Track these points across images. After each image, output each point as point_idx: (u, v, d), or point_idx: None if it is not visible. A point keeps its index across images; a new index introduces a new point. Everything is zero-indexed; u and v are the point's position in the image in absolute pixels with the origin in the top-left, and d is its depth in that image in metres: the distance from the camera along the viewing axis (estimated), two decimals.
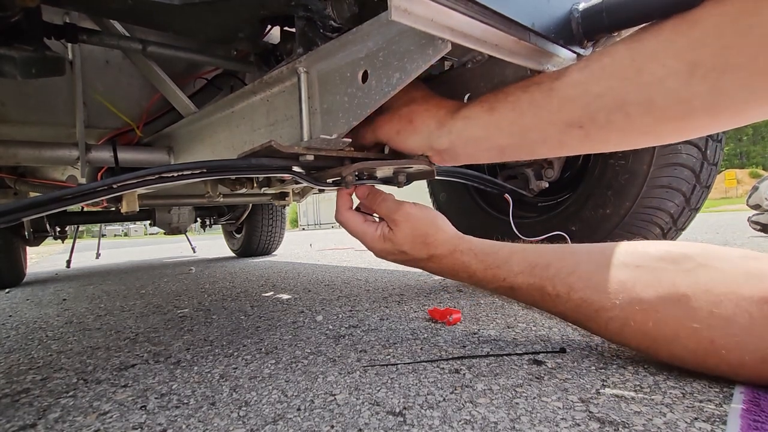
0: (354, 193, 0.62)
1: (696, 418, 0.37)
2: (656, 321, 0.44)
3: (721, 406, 0.39)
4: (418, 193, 1.31)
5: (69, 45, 0.73)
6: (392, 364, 0.55)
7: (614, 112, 0.43)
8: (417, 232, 0.56)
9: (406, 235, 0.57)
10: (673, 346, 0.44)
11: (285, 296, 1.16)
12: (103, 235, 3.93)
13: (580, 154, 0.90)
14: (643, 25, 0.42)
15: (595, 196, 0.91)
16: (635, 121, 0.43)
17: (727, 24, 0.36)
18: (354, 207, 0.62)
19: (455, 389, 0.46)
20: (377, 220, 0.61)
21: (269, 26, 0.71)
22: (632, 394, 0.42)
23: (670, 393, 0.42)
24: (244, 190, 0.76)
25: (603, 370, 0.49)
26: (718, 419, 0.37)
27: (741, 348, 0.40)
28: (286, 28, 0.69)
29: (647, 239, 0.87)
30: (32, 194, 1.16)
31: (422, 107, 0.55)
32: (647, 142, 0.49)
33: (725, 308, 0.41)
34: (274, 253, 2.89)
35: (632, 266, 0.47)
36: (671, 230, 0.88)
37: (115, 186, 0.46)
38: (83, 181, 0.88)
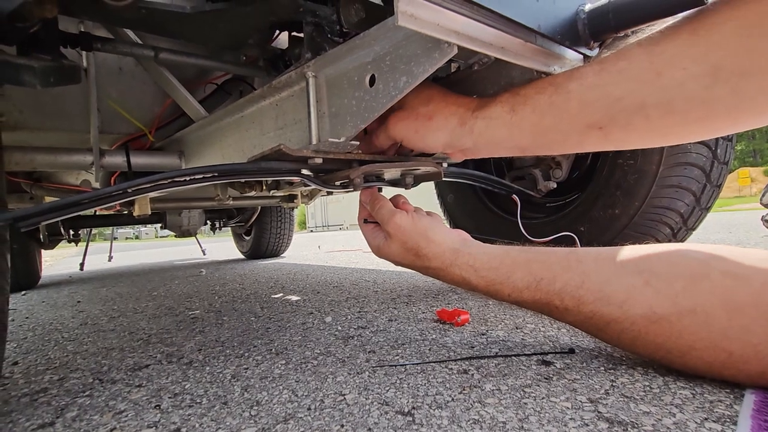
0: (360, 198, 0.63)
1: (706, 419, 0.37)
2: (670, 333, 0.43)
3: (732, 407, 0.39)
4: (425, 193, 1.31)
5: (84, 53, 0.75)
6: (401, 365, 0.55)
7: (634, 115, 0.43)
8: (407, 246, 0.56)
9: (397, 247, 0.57)
10: (688, 359, 0.43)
11: (294, 298, 1.17)
12: (115, 238, 4.00)
13: (598, 151, 0.90)
14: (658, 29, 0.42)
15: (604, 196, 0.90)
16: (655, 123, 0.43)
17: (748, 28, 0.36)
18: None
19: (464, 389, 0.46)
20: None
21: (278, 32, 0.72)
22: (641, 394, 0.42)
23: (680, 393, 0.42)
24: (253, 193, 0.77)
25: (612, 371, 0.49)
26: (728, 419, 0.36)
27: (761, 358, 0.39)
28: (294, 34, 0.70)
29: (657, 240, 0.86)
30: (47, 199, 1.18)
31: (442, 104, 0.54)
32: (667, 142, 0.49)
33: (744, 317, 0.39)
34: (282, 255, 2.91)
35: (644, 274, 0.45)
36: (681, 230, 0.87)
37: (130, 190, 0.47)
38: (97, 185, 0.90)
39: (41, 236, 2.03)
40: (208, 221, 2.62)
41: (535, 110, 0.48)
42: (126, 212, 1.86)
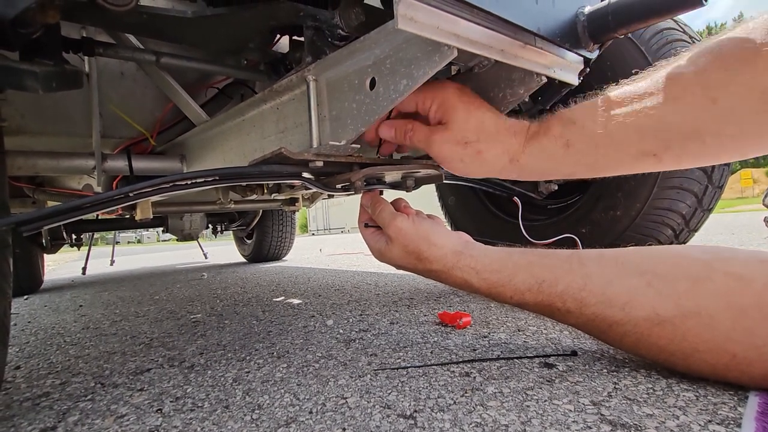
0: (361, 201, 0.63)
1: (710, 421, 0.37)
2: (674, 336, 0.43)
3: (736, 409, 0.38)
4: (427, 196, 1.31)
5: (86, 58, 0.76)
6: (403, 368, 0.55)
7: (690, 141, 0.44)
8: (409, 249, 0.55)
9: (398, 250, 0.56)
10: (692, 361, 0.43)
11: (296, 301, 1.17)
12: (117, 242, 4.00)
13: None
14: (704, 55, 0.42)
15: (606, 197, 0.90)
16: (710, 147, 0.44)
17: None
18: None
19: (466, 392, 0.46)
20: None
21: (278, 36, 0.72)
22: (644, 396, 0.42)
23: (684, 396, 0.42)
24: (254, 197, 0.77)
25: (615, 373, 0.48)
26: (732, 422, 0.36)
27: (765, 360, 0.39)
28: (295, 38, 0.70)
29: (659, 241, 0.86)
30: (50, 203, 1.19)
31: (493, 137, 0.52)
32: (719, 161, 0.50)
33: (747, 319, 0.39)
34: (284, 258, 2.91)
35: (647, 276, 0.45)
36: (683, 231, 0.87)
37: (131, 194, 0.47)
38: (99, 189, 0.90)
39: (43, 240, 2.04)
40: (209, 225, 2.62)
41: (590, 142, 0.48)
42: (128, 216, 1.85)
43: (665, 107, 0.43)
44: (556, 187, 0.99)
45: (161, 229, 2.41)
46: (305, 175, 0.56)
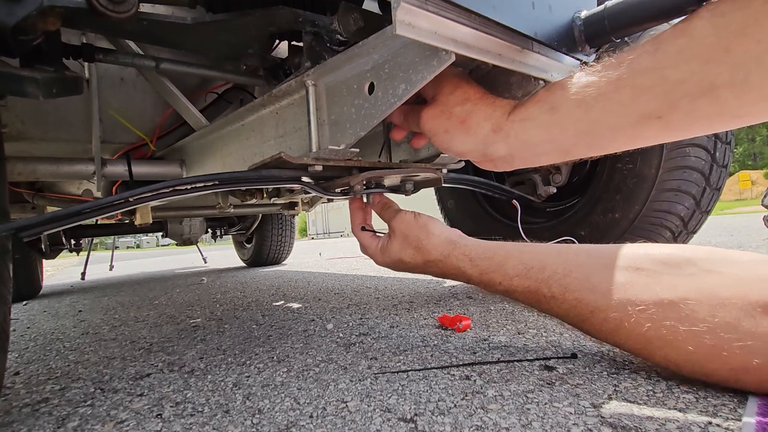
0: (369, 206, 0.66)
1: (710, 423, 0.37)
2: (652, 323, 0.43)
3: (736, 411, 0.38)
4: (427, 199, 1.31)
5: (86, 64, 0.76)
6: (403, 371, 0.55)
7: (700, 98, 0.38)
8: (409, 238, 0.59)
9: (399, 243, 0.60)
10: (668, 351, 0.44)
11: (295, 305, 1.17)
12: (116, 247, 4.00)
13: (657, 144, 0.75)
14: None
15: (604, 200, 0.91)
16: (728, 104, 0.38)
17: None
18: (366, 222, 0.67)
19: (466, 395, 0.46)
20: (381, 236, 0.65)
21: (277, 41, 0.73)
22: (645, 398, 0.42)
23: (684, 398, 0.42)
24: (254, 201, 0.77)
25: (615, 375, 0.48)
26: (732, 424, 0.36)
27: (746, 352, 0.39)
28: (294, 43, 0.71)
29: (657, 243, 0.86)
30: (49, 208, 1.19)
31: (477, 106, 0.50)
32: (739, 124, 0.43)
33: (729, 312, 0.40)
34: (284, 262, 2.91)
35: (632, 268, 0.46)
36: (682, 233, 0.87)
37: (131, 199, 0.47)
38: (99, 194, 0.90)
39: (43, 246, 2.03)
40: (209, 229, 2.62)
41: (579, 104, 0.43)
42: (127, 221, 1.86)
43: (667, 61, 0.38)
44: (555, 190, 1.00)
45: (161, 233, 2.41)
46: (304, 179, 0.56)
